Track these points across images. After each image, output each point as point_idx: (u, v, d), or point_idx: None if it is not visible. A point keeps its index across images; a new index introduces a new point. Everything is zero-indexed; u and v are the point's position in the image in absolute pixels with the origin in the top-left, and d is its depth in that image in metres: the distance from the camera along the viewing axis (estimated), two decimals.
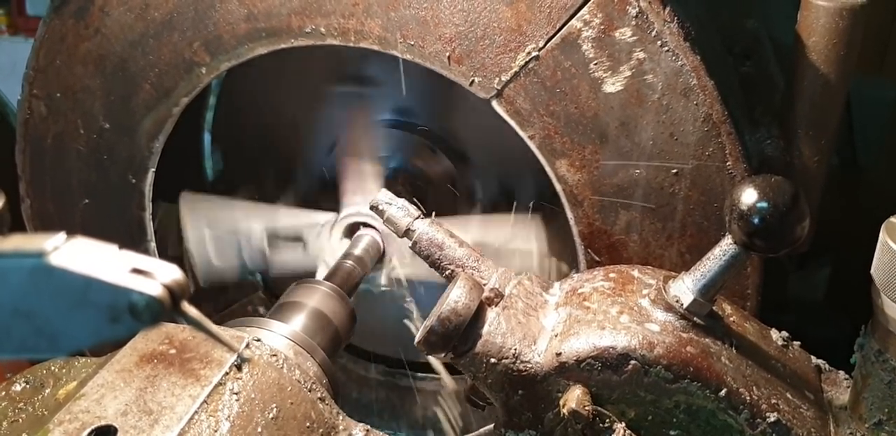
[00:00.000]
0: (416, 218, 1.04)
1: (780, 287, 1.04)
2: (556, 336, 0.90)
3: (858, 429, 0.88)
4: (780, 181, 0.83)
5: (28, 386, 0.95)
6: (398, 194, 1.06)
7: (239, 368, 0.89)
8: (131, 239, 1.33)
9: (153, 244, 1.33)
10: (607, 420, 0.86)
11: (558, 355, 0.87)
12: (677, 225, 1.07)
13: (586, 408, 0.84)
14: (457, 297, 0.91)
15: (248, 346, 0.92)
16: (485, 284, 0.97)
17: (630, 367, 0.85)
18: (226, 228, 1.37)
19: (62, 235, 0.58)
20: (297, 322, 1.10)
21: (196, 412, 0.83)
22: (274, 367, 0.92)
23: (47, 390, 0.94)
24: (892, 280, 0.79)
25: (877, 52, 1.89)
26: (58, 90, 1.25)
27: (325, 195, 1.43)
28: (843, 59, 1.02)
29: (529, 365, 0.88)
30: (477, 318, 0.92)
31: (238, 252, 1.38)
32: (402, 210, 1.04)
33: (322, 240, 1.36)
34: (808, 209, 0.83)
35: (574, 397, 0.85)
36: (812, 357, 0.97)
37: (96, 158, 1.28)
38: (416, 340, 0.92)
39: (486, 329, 0.91)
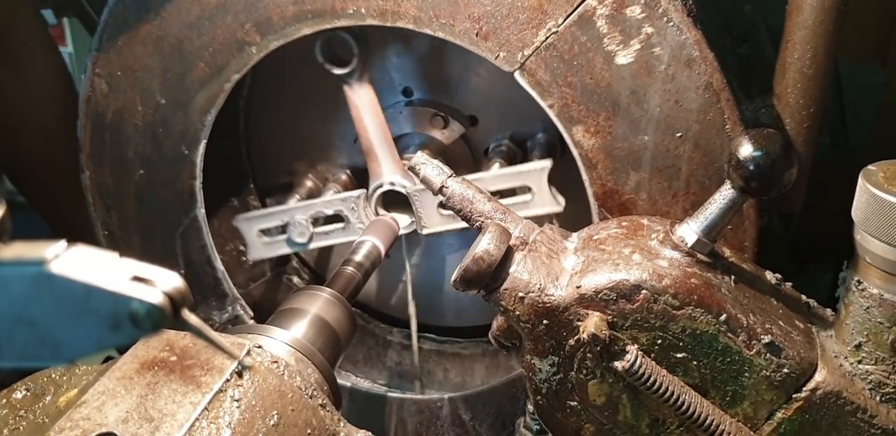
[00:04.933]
0: (450, 176, 1.16)
1: None
2: (576, 274, 1.02)
3: (842, 352, 1.00)
4: (773, 133, 0.96)
5: (29, 393, 0.95)
6: None
7: (240, 375, 0.89)
8: (182, 206, 1.45)
9: (202, 211, 1.45)
10: (621, 343, 0.98)
11: (578, 287, 0.99)
12: (682, 184, 1.20)
13: (603, 332, 0.97)
14: (488, 240, 1.03)
15: (248, 353, 0.93)
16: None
17: (641, 296, 0.97)
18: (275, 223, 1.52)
19: (63, 243, 0.59)
20: (298, 329, 1.12)
21: (197, 419, 0.84)
22: (275, 374, 0.92)
23: (48, 398, 0.94)
24: (869, 217, 0.91)
25: (879, 52, 2.02)
26: (119, 69, 1.38)
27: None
28: (830, 34, 1.15)
29: (553, 297, 1.00)
30: (506, 259, 1.04)
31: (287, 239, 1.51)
32: (436, 169, 1.16)
33: (360, 213, 1.48)
34: (797, 158, 0.96)
35: (592, 323, 0.97)
36: (803, 296, 1.09)
37: (152, 131, 1.41)
38: (453, 278, 1.04)
39: (513, 268, 1.03)
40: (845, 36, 1.24)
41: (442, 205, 1.38)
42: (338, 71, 1.38)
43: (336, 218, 1.49)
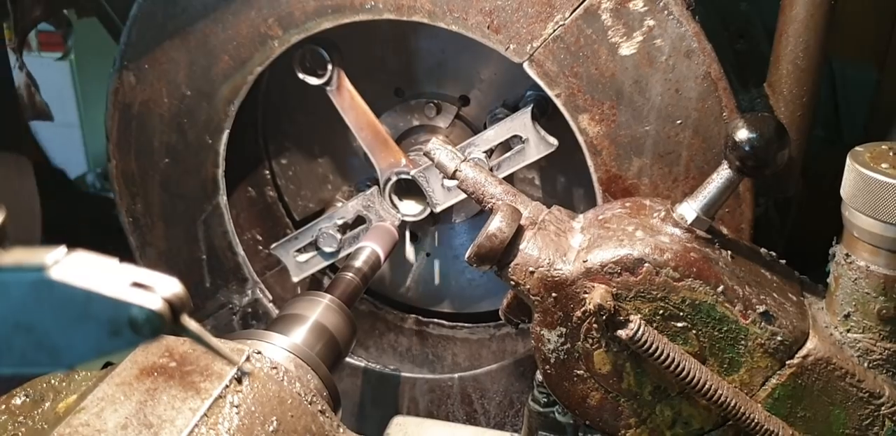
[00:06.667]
0: (462, 161, 1.23)
1: None
2: (582, 250, 1.09)
3: (832, 322, 1.06)
4: (767, 117, 1.03)
5: (28, 399, 0.94)
6: None
7: (239, 381, 0.90)
8: (205, 194, 1.52)
9: (224, 198, 1.52)
10: (625, 314, 1.05)
11: (585, 262, 1.06)
12: (682, 169, 1.27)
13: (608, 303, 1.03)
14: (500, 219, 1.10)
15: (248, 359, 0.94)
16: None
17: (644, 269, 1.04)
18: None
19: (62, 249, 0.58)
20: (298, 335, 1.13)
21: (196, 425, 0.83)
22: (274, 380, 0.93)
23: (47, 404, 0.93)
24: (856, 193, 0.98)
25: (878, 51, 2.08)
26: (146, 62, 1.45)
27: None
28: (822, 28, 1.22)
29: (561, 271, 1.07)
30: (516, 237, 1.10)
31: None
32: (449, 154, 1.23)
33: (377, 208, 1.55)
34: (790, 140, 1.03)
35: (598, 295, 1.04)
36: (796, 272, 1.16)
37: (178, 121, 1.48)
38: (467, 255, 1.11)
39: (524, 245, 1.10)
40: (844, 35, 1.30)
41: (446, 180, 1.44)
42: (315, 81, 1.46)
43: (360, 220, 1.56)
